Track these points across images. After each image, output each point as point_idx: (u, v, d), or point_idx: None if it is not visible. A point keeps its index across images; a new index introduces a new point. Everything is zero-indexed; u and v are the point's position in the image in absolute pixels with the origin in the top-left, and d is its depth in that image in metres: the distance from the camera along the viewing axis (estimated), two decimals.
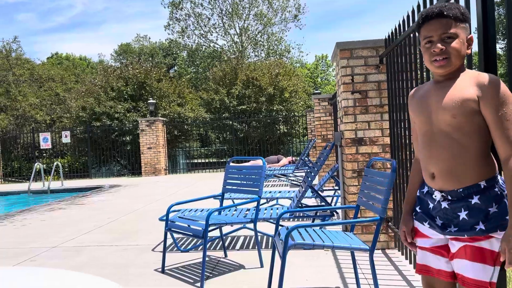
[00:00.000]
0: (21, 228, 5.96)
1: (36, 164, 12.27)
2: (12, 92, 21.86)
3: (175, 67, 41.02)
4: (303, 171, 9.10)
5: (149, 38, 45.60)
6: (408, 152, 3.28)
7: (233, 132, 15.95)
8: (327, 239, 2.63)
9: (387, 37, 3.73)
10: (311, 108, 16.14)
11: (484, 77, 1.45)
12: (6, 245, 4.91)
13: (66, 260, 4.13)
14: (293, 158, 11.70)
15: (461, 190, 1.50)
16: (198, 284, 3.21)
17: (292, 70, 19.27)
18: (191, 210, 4.41)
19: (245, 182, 3.81)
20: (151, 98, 15.64)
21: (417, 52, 3.03)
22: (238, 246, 4.30)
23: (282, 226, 3.05)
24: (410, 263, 3.38)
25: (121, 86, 16.59)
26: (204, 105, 18.25)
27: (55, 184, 12.51)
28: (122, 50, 43.87)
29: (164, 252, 3.62)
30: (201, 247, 4.30)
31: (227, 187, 3.98)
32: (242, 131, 16.45)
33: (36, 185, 12.51)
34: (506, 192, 1.45)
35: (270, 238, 4.51)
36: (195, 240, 4.63)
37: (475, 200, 1.48)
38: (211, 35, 33.98)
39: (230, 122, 16.33)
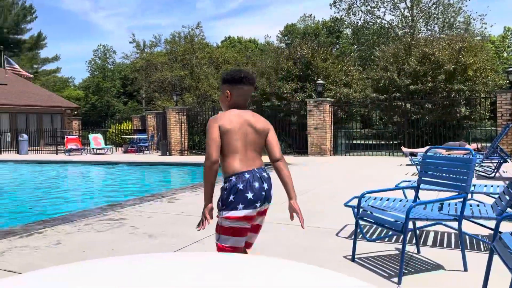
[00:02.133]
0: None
1: None
2: (195, 73, 24.55)
3: (337, 46, 40.47)
4: (493, 161, 7.98)
5: (314, 17, 45.77)
6: None
7: (405, 115, 14.98)
8: None
9: None
10: (503, 88, 14.04)
11: None
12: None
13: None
14: (479, 145, 10.36)
15: None
16: (395, 279, 3.03)
17: (479, 45, 16.99)
18: (380, 199, 4.22)
19: (446, 175, 3.43)
20: (319, 79, 15.69)
21: None
22: (430, 242, 3.97)
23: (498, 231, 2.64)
24: None
25: (290, 67, 17.06)
26: (371, 84, 17.55)
27: None
28: (288, 31, 45.16)
29: (354, 240, 3.54)
30: (387, 238, 4.10)
31: (423, 178, 3.66)
32: (415, 113, 15.30)
33: None
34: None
35: (467, 238, 4.03)
36: (379, 229, 4.45)
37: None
38: (379, 10, 32.32)
39: (402, 103, 15.36)
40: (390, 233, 4.24)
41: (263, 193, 2.33)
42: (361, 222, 4.59)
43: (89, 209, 5.87)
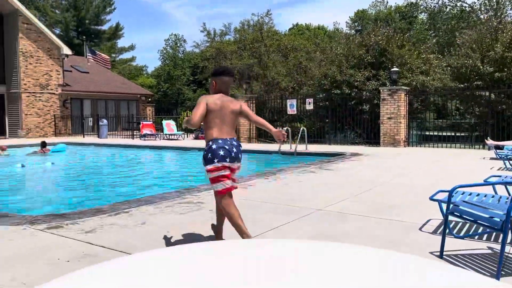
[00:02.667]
0: (284, 186, 6.62)
1: (285, 129, 13.55)
2: (263, 62, 24.62)
3: (411, 32, 38.51)
4: None
5: (387, 3, 43.84)
6: None
7: (488, 105, 13.91)
8: None
9: None
10: None
11: None
12: (276, 200, 5.50)
13: (334, 225, 4.32)
14: None
15: None
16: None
17: None
18: (469, 194, 3.95)
19: None
20: (395, 66, 15.02)
21: None
22: None
23: None
24: None
25: (362, 54, 16.50)
26: (450, 72, 16.49)
27: (300, 147, 13.52)
28: (358, 17, 43.75)
29: (443, 236, 3.35)
30: (477, 236, 3.84)
31: None
32: (501, 103, 14.15)
33: (283, 147, 13.76)
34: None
35: None
36: (467, 226, 4.18)
37: None
38: None
39: (485, 93, 14.27)
40: (480, 230, 3.97)
41: (232, 153, 3.30)
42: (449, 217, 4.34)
43: (168, 192, 6.11)
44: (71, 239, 3.75)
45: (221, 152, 3.25)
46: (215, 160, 3.25)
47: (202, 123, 3.47)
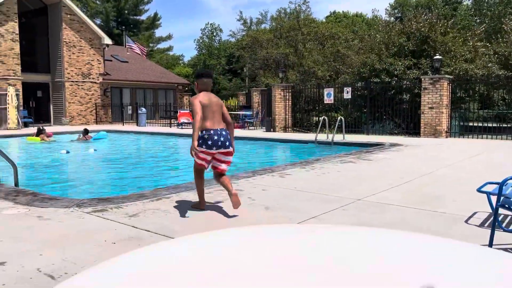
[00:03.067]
0: (321, 176, 6.55)
1: (322, 118, 13.38)
2: (299, 50, 24.35)
3: (455, 18, 36.92)
4: None
5: None
6: None
7: None
8: None
9: None
10: None
11: None
12: (314, 190, 5.45)
13: (374, 216, 4.24)
14: None
15: None
16: None
17: None
18: None
19: None
20: (437, 54, 14.47)
21: None
22: None
23: None
24: None
25: (403, 42, 15.98)
26: (498, 61, 15.71)
27: (336, 137, 13.34)
28: (398, 4, 42.42)
29: (493, 229, 3.22)
30: None
31: None
32: None
33: (319, 136, 13.61)
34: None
35: None
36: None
37: None
38: None
39: None
40: None
41: (219, 142, 4.13)
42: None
43: (207, 179, 6.18)
44: (116, 222, 3.88)
45: (209, 142, 4.11)
46: (204, 146, 4.12)
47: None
